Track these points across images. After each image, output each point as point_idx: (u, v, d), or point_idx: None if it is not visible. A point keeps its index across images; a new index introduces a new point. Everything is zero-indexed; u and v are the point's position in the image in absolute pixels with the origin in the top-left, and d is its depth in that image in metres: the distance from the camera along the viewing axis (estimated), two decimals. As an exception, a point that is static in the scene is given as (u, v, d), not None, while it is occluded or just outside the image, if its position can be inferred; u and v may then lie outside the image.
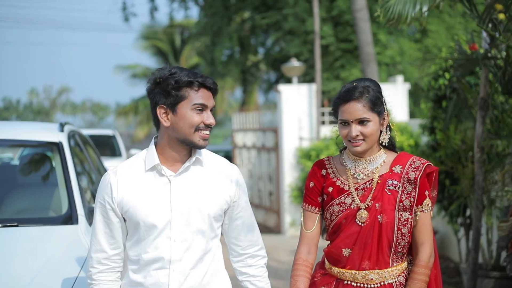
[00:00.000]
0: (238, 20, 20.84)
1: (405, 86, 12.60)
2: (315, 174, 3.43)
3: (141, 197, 3.05)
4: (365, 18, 13.45)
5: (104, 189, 3.10)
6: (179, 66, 3.07)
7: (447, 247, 9.53)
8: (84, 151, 5.93)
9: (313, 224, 3.42)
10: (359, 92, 3.24)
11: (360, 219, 3.26)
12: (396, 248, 3.27)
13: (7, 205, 4.87)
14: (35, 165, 5.42)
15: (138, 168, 3.12)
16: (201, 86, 3.06)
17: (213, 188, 3.13)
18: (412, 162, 3.31)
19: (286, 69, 14.32)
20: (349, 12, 16.26)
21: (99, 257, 3.11)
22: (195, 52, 32.32)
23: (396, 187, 3.26)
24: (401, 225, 3.25)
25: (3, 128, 5.61)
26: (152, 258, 3.04)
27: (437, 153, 8.00)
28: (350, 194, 3.31)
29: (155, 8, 22.01)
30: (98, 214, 3.11)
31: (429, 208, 3.31)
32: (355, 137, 3.23)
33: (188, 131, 3.03)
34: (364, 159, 3.33)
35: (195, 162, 3.13)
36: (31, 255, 3.98)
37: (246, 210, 3.27)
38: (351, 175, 3.34)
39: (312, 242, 3.42)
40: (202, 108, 3.04)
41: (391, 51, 17.05)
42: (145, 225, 3.03)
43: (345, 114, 3.26)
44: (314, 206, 3.42)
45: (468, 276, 6.49)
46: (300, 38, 17.55)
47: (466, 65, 6.50)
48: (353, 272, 3.28)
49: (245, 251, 3.28)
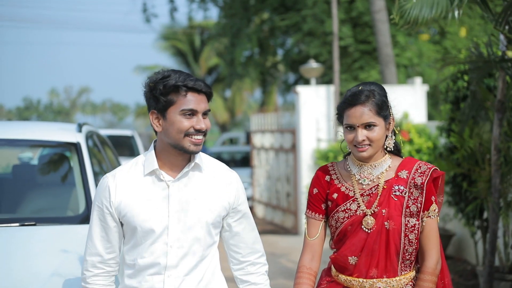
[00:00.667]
0: (257, 21, 20.88)
1: (423, 88, 12.57)
2: (318, 181, 3.37)
3: (139, 202, 3.00)
4: (384, 20, 13.46)
5: (102, 193, 3.05)
6: (175, 70, 3.02)
7: (464, 249, 9.49)
8: (102, 151, 5.98)
9: (317, 231, 3.36)
10: (365, 96, 3.18)
11: (366, 226, 3.20)
12: (404, 255, 3.21)
13: (25, 205, 4.94)
14: (53, 165, 5.48)
15: (137, 172, 3.07)
16: (190, 90, 2.98)
17: (212, 194, 3.08)
18: (418, 167, 3.25)
19: (305, 70, 14.33)
20: (368, 14, 16.26)
21: (94, 261, 3.07)
22: (214, 53, 32.42)
23: (403, 192, 3.20)
24: (409, 231, 3.19)
25: (22, 128, 5.68)
26: (148, 263, 3.01)
27: (454, 155, 7.98)
28: (355, 200, 3.25)
29: (174, 9, 22.10)
30: (95, 217, 3.07)
31: (435, 214, 3.25)
32: (361, 142, 3.17)
33: (178, 137, 2.97)
34: (369, 164, 3.27)
35: (194, 168, 3.08)
36: (49, 254, 4.04)
37: (246, 217, 3.21)
38: (356, 180, 3.28)
39: (315, 250, 3.36)
40: (192, 113, 2.97)
41: (409, 53, 17.02)
42: (142, 230, 2.99)
43: (351, 118, 3.19)
44: (318, 213, 3.36)
45: (484, 278, 6.49)
46: (319, 40, 17.56)
47: (483, 68, 6.49)
48: (361, 280, 3.22)
49: (246, 259, 3.22)
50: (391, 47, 13.80)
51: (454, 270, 8.79)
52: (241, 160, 20.24)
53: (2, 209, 4.97)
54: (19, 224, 4.42)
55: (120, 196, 3.01)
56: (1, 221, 4.50)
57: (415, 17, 5.51)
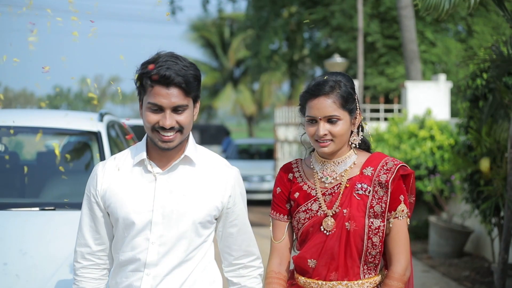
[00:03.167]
0: (286, 14, 20.96)
1: (447, 84, 12.57)
2: (281, 179, 3.13)
3: (124, 192, 2.81)
4: (410, 16, 13.48)
5: (91, 180, 2.90)
6: (167, 54, 2.75)
7: (482, 246, 9.53)
8: (123, 140, 6.13)
9: (282, 234, 3.11)
10: (330, 86, 2.92)
11: (326, 227, 2.95)
12: (367, 258, 2.96)
13: (47, 191, 5.10)
14: (75, 153, 5.64)
15: (128, 161, 2.88)
16: (156, 83, 2.71)
17: (203, 191, 2.84)
18: (385, 163, 2.98)
19: (330, 64, 14.42)
20: (395, 9, 16.28)
21: (83, 252, 2.91)
22: (243, 44, 32.52)
23: (366, 191, 2.94)
24: (372, 234, 2.93)
25: (46, 117, 5.85)
26: (128, 259, 2.81)
27: (472, 153, 8.03)
28: (317, 200, 3.00)
29: (207, 1, 22.29)
30: (85, 206, 2.92)
31: (404, 215, 2.97)
32: (322, 136, 2.92)
33: (148, 131, 2.78)
34: (332, 161, 3.01)
35: (184, 161, 2.85)
36: (66, 237, 4.18)
37: (241, 218, 2.96)
38: (318, 179, 3.03)
39: (283, 253, 3.11)
40: (157, 107, 2.72)
41: (437, 50, 16.99)
42: (124, 222, 2.80)
43: (313, 110, 2.94)
44: (282, 214, 3.11)
45: (498, 275, 6.53)
46: (348, 35, 17.61)
47: (503, 66, 6.53)
48: (320, 283, 2.98)
49: (238, 261, 3.01)
50: (417, 43, 13.81)
51: (472, 267, 8.85)
52: (266, 152, 20.32)
53: (26, 194, 5.16)
54: (39, 209, 4.59)
55: (106, 185, 2.85)
56: (22, 205, 4.71)
57: (435, 4, 5.66)
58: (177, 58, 2.73)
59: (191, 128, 2.84)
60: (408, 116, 11.82)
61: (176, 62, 2.70)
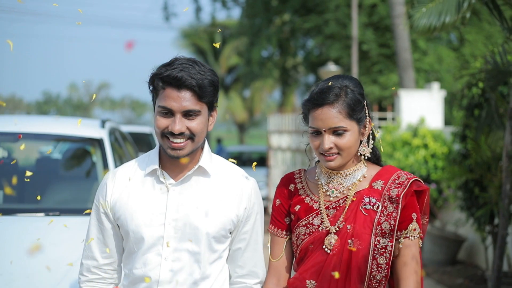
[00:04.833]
0: (278, 22, 21.03)
1: (440, 93, 12.65)
2: (281, 190, 2.86)
3: (135, 204, 2.66)
4: (403, 24, 13.57)
5: (100, 191, 2.75)
6: (186, 58, 2.62)
7: (475, 254, 9.60)
8: (123, 147, 6.17)
9: (281, 251, 2.82)
10: (335, 94, 2.62)
11: (328, 245, 2.65)
12: (370, 283, 2.63)
13: (50, 196, 5.14)
14: (77, 159, 5.67)
15: (139, 170, 2.73)
16: (168, 85, 2.57)
17: (218, 203, 2.67)
18: (397, 177, 2.68)
19: (323, 72, 14.49)
20: (389, 18, 16.39)
21: (89, 265, 2.76)
22: (235, 52, 32.57)
23: (374, 206, 2.64)
24: (378, 254, 2.61)
25: (47, 123, 5.87)
26: (140, 275, 2.64)
27: (467, 161, 8.10)
28: (319, 214, 2.71)
29: (199, 9, 22.31)
30: (93, 217, 2.76)
31: (416, 235, 2.64)
32: (327, 150, 2.63)
33: (158, 137, 2.64)
34: (339, 172, 2.72)
35: (198, 172, 2.68)
36: (71, 243, 4.21)
37: (253, 234, 2.77)
38: (323, 192, 2.74)
39: (281, 272, 2.81)
40: (168, 111, 2.58)
41: (430, 58, 17.10)
42: (135, 236, 2.64)
43: (316, 121, 2.64)
44: (280, 229, 2.83)
45: (492, 283, 6.59)
46: (340, 43, 17.69)
47: (498, 76, 6.60)
48: None
49: (241, 280, 2.80)
50: (410, 52, 13.91)
51: (465, 275, 8.91)
52: (258, 160, 20.33)
53: (26, 200, 5.17)
54: (44, 214, 4.63)
55: (116, 195, 2.70)
56: (27, 211, 4.75)
57: (424, 27, 5.73)
58: (194, 62, 2.60)
59: (204, 136, 2.68)
60: (402, 125, 11.88)
61: (192, 66, 2.57)
